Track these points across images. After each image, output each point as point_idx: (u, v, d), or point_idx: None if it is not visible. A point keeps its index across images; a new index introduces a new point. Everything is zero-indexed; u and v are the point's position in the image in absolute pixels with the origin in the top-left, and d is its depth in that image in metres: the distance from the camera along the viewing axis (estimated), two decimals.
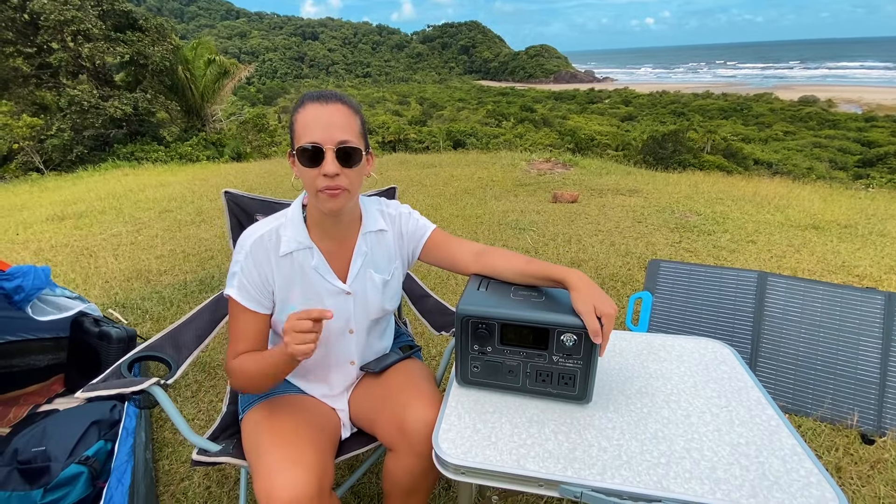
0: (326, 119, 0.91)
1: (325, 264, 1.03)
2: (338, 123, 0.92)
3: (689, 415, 0.90)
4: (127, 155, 11.13)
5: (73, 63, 11.14)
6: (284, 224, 1.02)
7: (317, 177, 0.92)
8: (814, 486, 0.73)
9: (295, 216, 1.03)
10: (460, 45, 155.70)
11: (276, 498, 0.83)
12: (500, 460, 0.80)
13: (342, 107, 0.94)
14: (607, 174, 6.64)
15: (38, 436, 1.44)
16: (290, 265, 1.01)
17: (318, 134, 0.90)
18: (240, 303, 0.99)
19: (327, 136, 0.91)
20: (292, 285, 1.02)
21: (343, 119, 0.93)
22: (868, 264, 3.22)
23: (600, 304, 0.86)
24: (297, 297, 1.02)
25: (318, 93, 0.95)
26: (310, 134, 0.91)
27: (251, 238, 0.99)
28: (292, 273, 1.01)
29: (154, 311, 2.75)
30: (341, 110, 0.93)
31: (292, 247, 1.00)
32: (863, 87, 78.29)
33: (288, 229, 1.01)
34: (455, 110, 42.08)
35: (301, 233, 1.02)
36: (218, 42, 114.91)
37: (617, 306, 0.86)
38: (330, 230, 1.03)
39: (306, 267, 1.02)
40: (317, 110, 0.92)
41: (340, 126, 0.92)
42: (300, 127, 0.93)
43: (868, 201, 5.25)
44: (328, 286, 1.04)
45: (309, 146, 0.90)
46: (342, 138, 0.92)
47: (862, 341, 1.82)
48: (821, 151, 27.80)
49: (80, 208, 5.31)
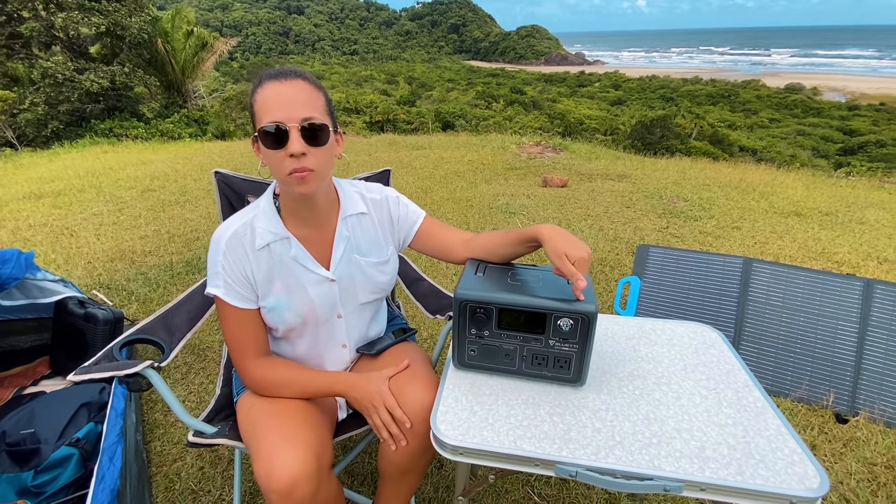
0: (288, 96, 0.87)
1: (304, 253, 1.00)
2: (300, 100, 0.88)
3: (679, 397, 0.92)
4: (105, 131, 10.73)
5: (46, 33, 10.60)
6: (257, 216, 0.99)
7: (283, 159, 0.87)
8: (797, 465, 0.76)
9: (267, 207, 1.00)
10: (450, 24, 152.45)
11: (276, 477, 0.83)
12: (497, 441, 0.81)
13: (303, 83, 0.89)
14: (597, 159, 6.66)
15: (26, 418, 1.43)
16: (268, 257, 0.98)
17: (279, 113, 0.86)
18: (231, 304, 0.97)
19: (290, 113, 0.86)
20: (273, 278, 0.99)
21: (305, 95, 0.89)
22: (847, 251, 3.32)
23: (571, 250, 0.88)
24: (279, 288, 1.00)
25: (277, 70, 0.90)
26: (271, 113, 0.86)
27: (225, 236, 0.96)
28: (271, 265, 0.99)
29: (140, 292, 2.70)
30: (303, 86, 0.89)
31: (267, 239, 0.97)
32: (848, 75, 79.29)
33: (261, 221, 0.98)
34: (444, 91, 41.40)
35: (275, 223, 0.98)
36: (198, 14, 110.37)
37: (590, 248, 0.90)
38: (306, 217, 1.00)
39: (285, 258, 0.99)
40: (276, 88, 0.87)
41: (303, 103, 0.88)
42: (260, 107, 0.88)
43: (849, 189, 5.38)
44: (310, 275, 1.01)
45: (272, 127, 0.86)
46: (306, 115, 0.87)
47: (840, 326, 1.88)
48: (804, 139, 28.26)
49: (57, 186, 5.14)
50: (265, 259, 0.98)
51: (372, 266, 1.09)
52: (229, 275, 0.95)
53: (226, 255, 0.95)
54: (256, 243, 0.97)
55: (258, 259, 0.97)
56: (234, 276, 0.96)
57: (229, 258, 0.95)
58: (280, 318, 1.02)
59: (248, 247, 0.97)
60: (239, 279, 0.96)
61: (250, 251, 0.97)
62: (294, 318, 1.03)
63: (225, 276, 0.95)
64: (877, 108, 39.29)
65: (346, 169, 5.83)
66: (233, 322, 0.99)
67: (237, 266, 0.96)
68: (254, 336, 1.00)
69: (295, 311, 1.02)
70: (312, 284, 1.02)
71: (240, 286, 0.97)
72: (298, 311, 1.02)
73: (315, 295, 1.03)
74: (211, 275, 0.97)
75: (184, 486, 1.47)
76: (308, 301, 1.02)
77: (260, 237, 0.97)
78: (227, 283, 0.96)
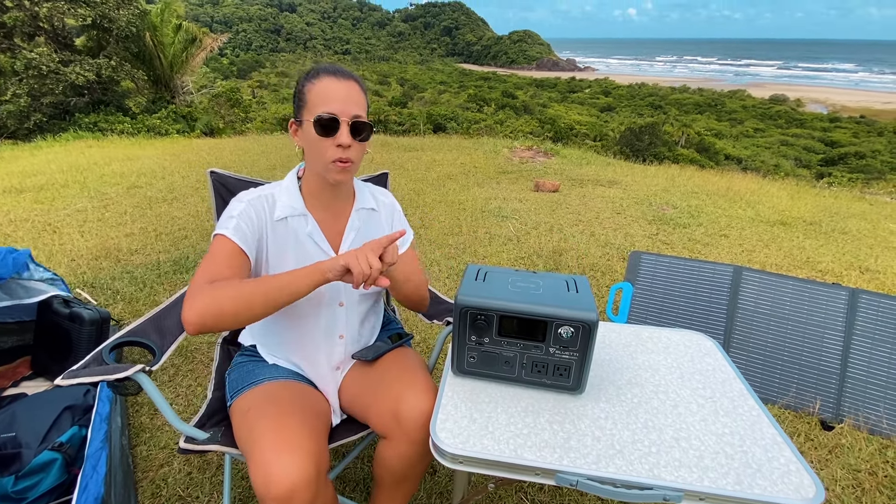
0: (344, 93, 0.97)
1: (319, 231, 1.06)
2: (354, 98, 0.98)
3: (676, 405, 0.93)
4: (90, 125, 10.49)
5: (30, 24, 10.34)
6: (279, 191, 1.06)
7: (330, 147, 0.96)
8: (793, 475, 0.77)
9: (290, 185, 1.06)
10: (443, 26, 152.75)
11: (275, 484, 0.82)
12: (497, 450, 0.81)
13: (356, 84, 1.00)
14: (587, 164, 6.72)
15: (7, 421, 1.38)
16: (284, 230, 1.03)
17: (335, 106, 0.95)
18: (233, 240, 0.95)
19: (344, 108, 0.96)
20: (286, 251, 1.03)
21: (358, 96, 0.99)
22: (830, 260, 3.40)
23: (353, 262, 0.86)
24: (290, 262, 1.03)
25: (334, 67, 1.00)
26: (327, 104, 0.95)
27: (249, 196, 1.02)
28: (286, 238, 1.03)
29: (126, 291, 2.64)
30: (356, 88, 1.00)
31: (287, 212, 1.03)
32: (830, 87, 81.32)
33: (283, 196, 1.04)
34: (436, 93, 41.47)
35: (297, 200, 1.05)
36: (189, 8, 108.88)
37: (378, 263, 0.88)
38: (326, 201, 1.07)
39: (300, 233, 1.05)
40: (334, 83, 0.97)
41: (356, 101, 0.98)
42: (315, 97, 0.96)
43: (831, 199, 5.51)
44: (321, 255, 1.05)
45: (326, 115, 0.94)
46: (357, 112, 0.97)
47: (826, 334, 1.92)
48: (787, 149, 28.89)
49: (40, 181, 5.00)
50: (281, 231, 1.03)
51: None
52: (244, 220, 0.98)
53: (248, 205, 1.00)
54: (276, 214, 1.02)
55: (275, 229, 1.03)
56: (248, 223, 0.99)
57: (250, 210, 1.00)
58: None
59: (268, 213, 1.02)
60: (253, 227, 0.99)
61: (269, 219, 1.02)
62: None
63: (239, 220, 0.98)
64: (857, 120, 40.37)
65: None
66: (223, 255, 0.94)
67: (255, 221, 1.00)
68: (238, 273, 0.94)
69: None
70: None
71: (251, 232, 0.99)
72: None
73: None
74: (224, 219, 0.99)
75: (171, 492, 1.44)
76: None
77: (280, 209, 1.03)
78: (238, 225, 0.97)
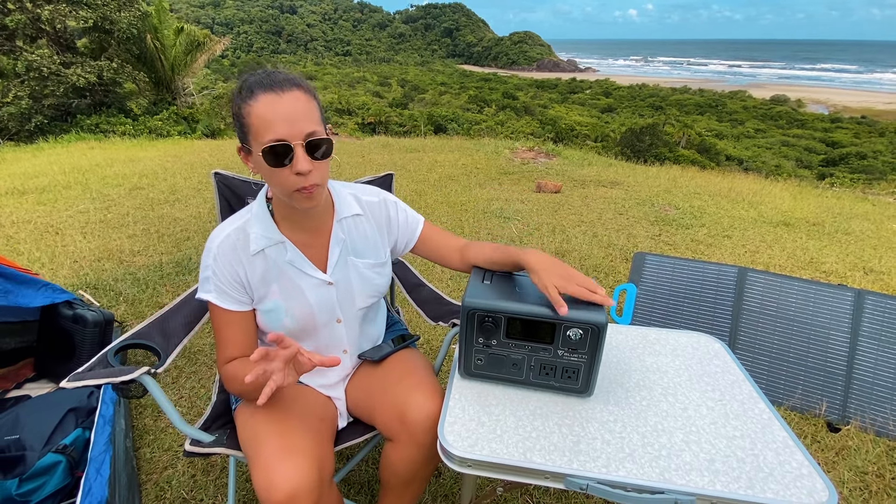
0: (288, 109, 0.82)
1: (300, 257, 0.99)
2: (300, 114, 0.83)
3: (686, 408, 0.92)
4: (91, 127, 10.52)
5: (32, 26, 10.37)
6: (250, 220, 0.97)
7: (288, 176, 0.84)
8: (805, 478, 0.76)
9: (260, 212, 0.97)
10: (444, 28, 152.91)
11: (276, 489, 0.81)
12: (506, 453, 0.80)
13: (299, 93, 0.84)
14: (589, 165, 6.71)
15: (11, 423, 1.37)
16: (263, 262, 0.96)
17: (282, 129, 0.81)
18: (221, 306, 0.95)
19: (293, 130, 0.82)
20: (269, 282, 0.98)
21: (304, 107, 0.84)
22: (834, 261, 3.38)
23: (562, 283, 0.87)
24: (276, 292, 0.99)
25: (268, 79, 0.84)
26: (272, 130, 0.81)
27: (217, 240, 0.95)
28: (267, 270, 0.97)
29: (128, 293, 2.64)
30: (299, 97, 0.84)
31: (262, 244, 0.95)
32: (831, 88, 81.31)
33: (255, 226, 0.96)
34: (437, 94, 41.47)
35: (269, 228, 0.96)
36: (190, 10, 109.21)
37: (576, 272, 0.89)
38: (301, 222, 0.99)
39: (281, 262, 0.97)
40: (274, 101, 0.82)
41: (304, 116, 0.83)
42: (257, 121, 0.82)
43: (834, 200, 5.49)
44: (307, 279, 1.00)
45: (275, 143, 0.81)
46: (308, 129, 0.83)
47: (832, 335, 1.91)
48: (788, 150, 28.86)
49: (42, 182, 5.01)
50: (260, 264, 0.97)
51: (368, 268, 1.07)
52: (220, 279, 0.94)
53: (216, 259, 0.94)
54: (251, 248, 0.95)
55: (252, 264, 0.96)
56: (224, 281, 0.95)
57: (220, 262, 0.94)
58: (278, 323, 1.00)
59: (241, 252, 0.95)
60: (230, 283, 0.95)
61: (244, 256, 0.95)
62: (292, 324, 1.01)
63: (216, 281, 0.94)
64: (858, 120, 40.34)
65: (339, 171, 5.79)
66: (224, 324, 0.97)
67: (229, 271, 0.94)
68: (241, 340, 0.98)
69: (293, 317, 1.00)
70: (310, 288, 1.01)
71: (231, 290, 0.95)
72: (297, 316, 1.01)
73: (313, 299, 1.01)
74: (202, 280, 0.96)
75: (175, 494, 1.43)
76: (307, 305, 1.01)
77: (254, 242, 0.95)
78: (218, 287, 0.95)
